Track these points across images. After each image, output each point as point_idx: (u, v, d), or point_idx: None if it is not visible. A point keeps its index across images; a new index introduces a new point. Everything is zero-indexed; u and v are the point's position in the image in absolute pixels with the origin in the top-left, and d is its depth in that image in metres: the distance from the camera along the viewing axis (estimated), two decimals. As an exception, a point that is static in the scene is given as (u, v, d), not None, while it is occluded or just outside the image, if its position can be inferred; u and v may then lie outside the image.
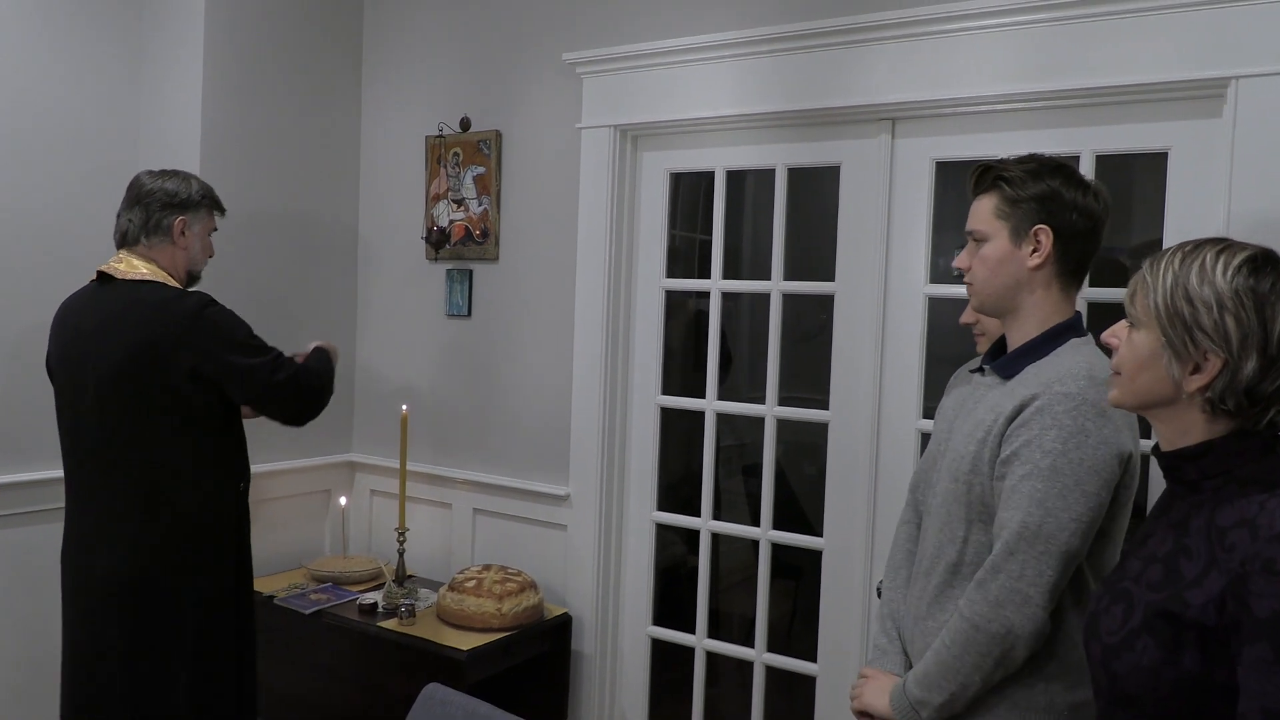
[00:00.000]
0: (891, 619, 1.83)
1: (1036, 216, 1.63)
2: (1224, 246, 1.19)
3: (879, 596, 1.91)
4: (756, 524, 2.81)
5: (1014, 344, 1.69)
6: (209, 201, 2.38)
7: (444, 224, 3.22)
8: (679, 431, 3.12)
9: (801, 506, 3.27)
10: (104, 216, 2.76)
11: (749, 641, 2.81)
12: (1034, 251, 1.64)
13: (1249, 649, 1.06)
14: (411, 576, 3.12)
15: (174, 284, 2.28)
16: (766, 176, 2.75)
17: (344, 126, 3.39)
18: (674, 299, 3.03)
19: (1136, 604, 1.19)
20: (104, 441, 2.21)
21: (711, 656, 2.92)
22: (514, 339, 3.12)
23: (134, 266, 2.26)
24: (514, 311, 3.12)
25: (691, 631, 2.91)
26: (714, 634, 2.94)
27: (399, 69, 3.35)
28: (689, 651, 2.92)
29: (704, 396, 2.85)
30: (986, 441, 1.61)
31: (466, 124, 3.17)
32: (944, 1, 2.34)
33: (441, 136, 3.21)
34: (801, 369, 3.02)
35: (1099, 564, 1.61)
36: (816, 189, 3.01)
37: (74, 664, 2.28)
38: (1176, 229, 2.18)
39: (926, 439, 2.23)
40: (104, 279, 2.27)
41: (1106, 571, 1.59)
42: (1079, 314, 1.71)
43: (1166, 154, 2.20)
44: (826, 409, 2.63)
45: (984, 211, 1.68)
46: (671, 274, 2.94)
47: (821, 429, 2.66)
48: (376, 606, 2.85)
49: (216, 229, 2.43)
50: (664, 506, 2.97)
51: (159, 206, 2.28)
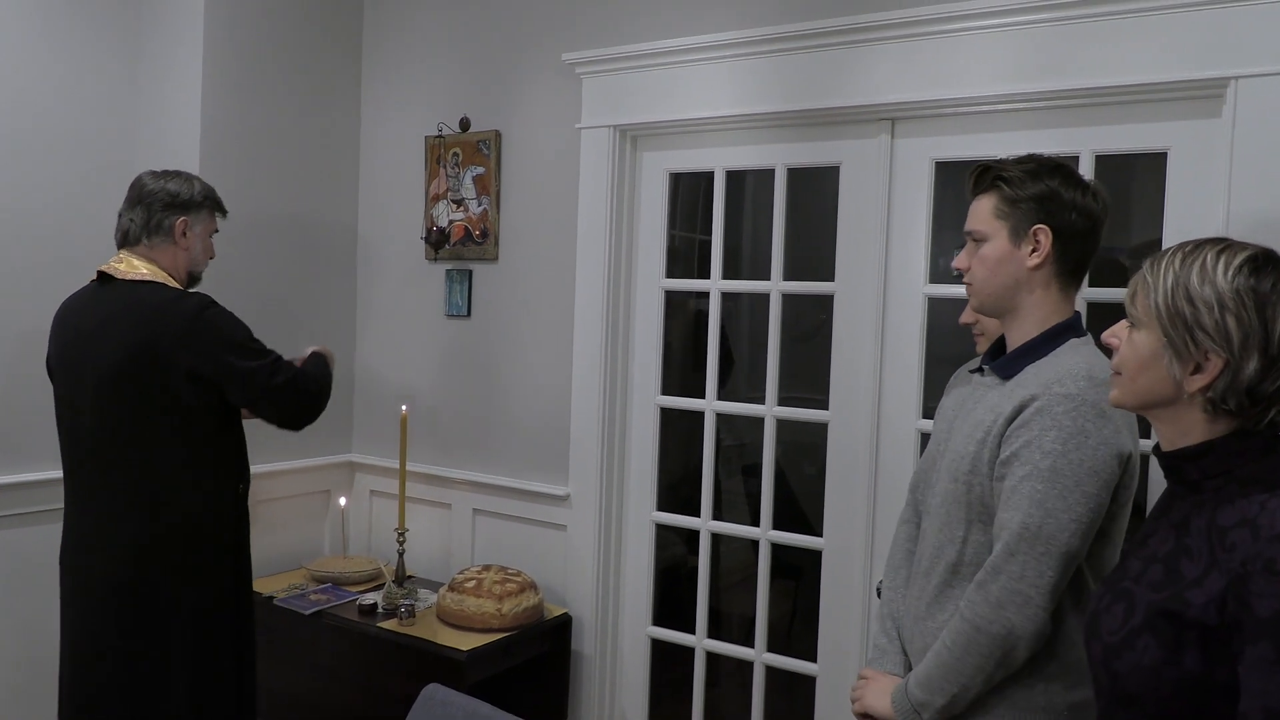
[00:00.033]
0: (891, 619, 1.83)
1: (1035, 216, 1.63)
2: (1224, 246, 1.19)
3: (879, 596, 1.91)
4: (756, 524, 2.80)
5: (1013, 344, 1.69)
6: (211, 203, 2.38)
7: (443, 224, 3.22)
8: (679, 431, 3.12)
9: (801, 506, 3.28)
10: (103, 216, 2.76)
11: (749, 641, 2.81)
12: (1033, 251, 1.64)
13: (1250, 649, 1.06)
14: (411, 577, 3.11)
15: (174, 284, 2.28)
16: (766, 176, 2.75)
17: (343, 126, 3.39)
18: (674, 299, 3.02)
19: (1137, 603, 1.19)
20: (103, 442, 2.21)
21: (711, 657, 2.92)
22: (513, 339, 3.12)
23: (134, 267, 2.25)
24: (513, 312, 3.11)
25: (691, 632, 2.91)
26: (714, 634, 2.94)
27: (399, 69, 3.35)
28: (689, 652, 2.92)
29: (704, 396, 2.85)
30: (986, 442, 1.61)
31: (466, 124, 3.17)
32: (944, 1, 2.34)
33: (441, 137, 3.21)
34: (801, 369, 3.02)
35: (1098, 564, 1.61)
36: (816, 189, 3.01)
37: (73, 665, 2.27)
38: (1176, 229, 2.18)
39: (926, 439, 2.24)
40: (104, 279, 2.27)
41: (1105, 572, 1.60)
42: (1078, 314, 1.71)
43: (1166, 154, 2.20)
44: (826, 409, 2.64)
45: (983, 211, 1.69)
46: (671, 274, 2.94)
47: (821, 429, 2.66)
48: (376, 607, 2.85)
49: (218, 230, 2.43)
50: (664, 506, 2.97)
51: (161, 207, 2.28)
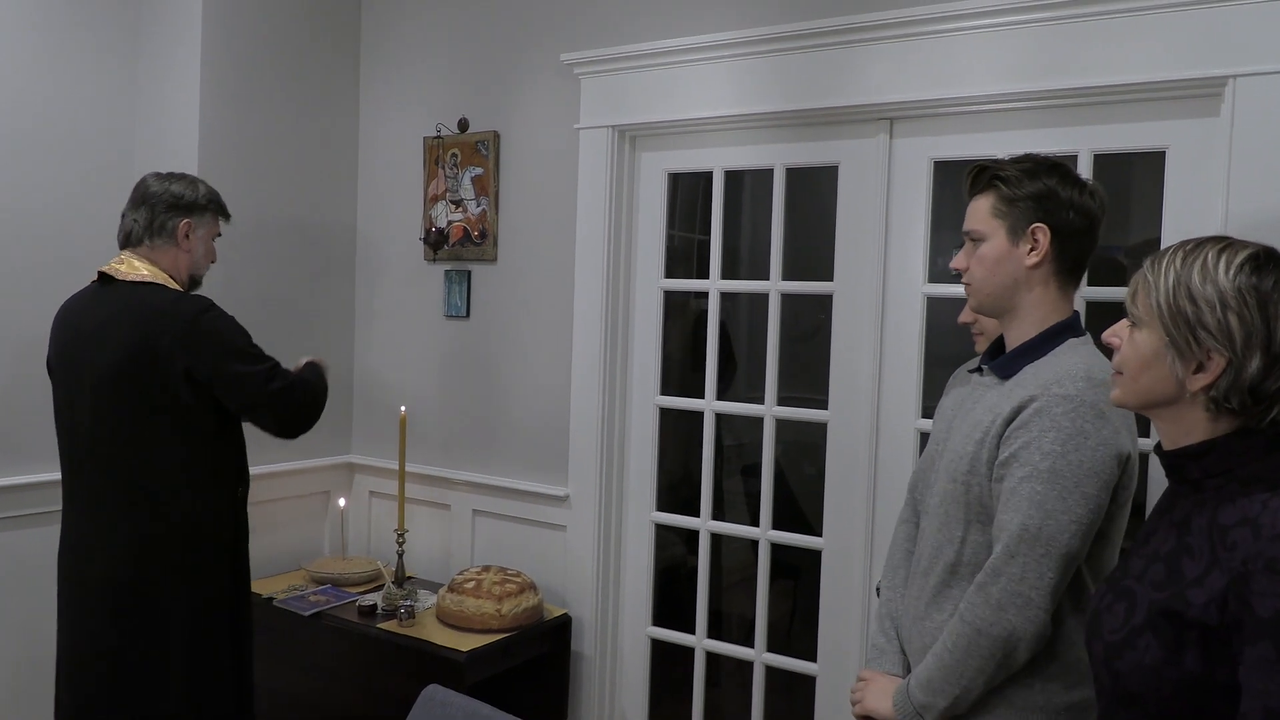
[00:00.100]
0: (890, 618, 1.83)
1: (1033, 215, 1.64)
2: (1225, 245, 1.19)
3: (878, 596, 1.91)
4: (756, 524, 2.80)
5: (1012, 344, 1.69)
6: (215, 206, 2.38)
7: (442, 225, 3.22)
8: (678, 432, 3.12)
9: (801, 506, 3.28)
10: (103, 217, 2.76)
11: (749, 641, 2.81)
12: (1031, 250, 1.64)
13: (1251, 648, 1.06)
14: (411, 578, 3.11)
15: (174, 286, 2.28)
16: (765, 176, 2.75)
17: (342, 128, 3.39)
18: (673, 299, 3.02)
19: (1139, 602, 1.19)
20: (101, 443, 2.20)
21: (711, 657, 2.91)
22: (513, 340, 3.11)
23: (135, 268, 2.25)
24: (512, 312, 3.11)
25: (691, 632, 2.91)
26: (714, 634, 2.94)
27: (397, 70, 3.34)
28: (689, 652, 2.92)
29: (703, 397, 2.85)
30: (984, 442, 1.61)
31: (464, 125, 3.17)
32: (942, 1, 2.34)
33: (439, 137, 3.21)
34: (800, 369, 3.02)
35: (1097, 565, 1.61)
36: (815, 189, 3.01)
37: (70, 666, 2.27)
38: (1174, 228, 2.18)
39: (925, 439, 2.23)
40: (105, 280, 2.27)
41: (1105, 572, 1.60)
42: (1077, 313, 1.71)
43: (1164, 153, 2.20)
44: (825, 409, 2.63)
45: (981, 211, 1.69)
46: (670, 274, 2.94)
47: (820, 429, 2.66)
48: (376, 608, 2.84)
49: (220, 234, 2.43)
50: (663, 507, 2.97)
51: (164, 208, 2.28)
